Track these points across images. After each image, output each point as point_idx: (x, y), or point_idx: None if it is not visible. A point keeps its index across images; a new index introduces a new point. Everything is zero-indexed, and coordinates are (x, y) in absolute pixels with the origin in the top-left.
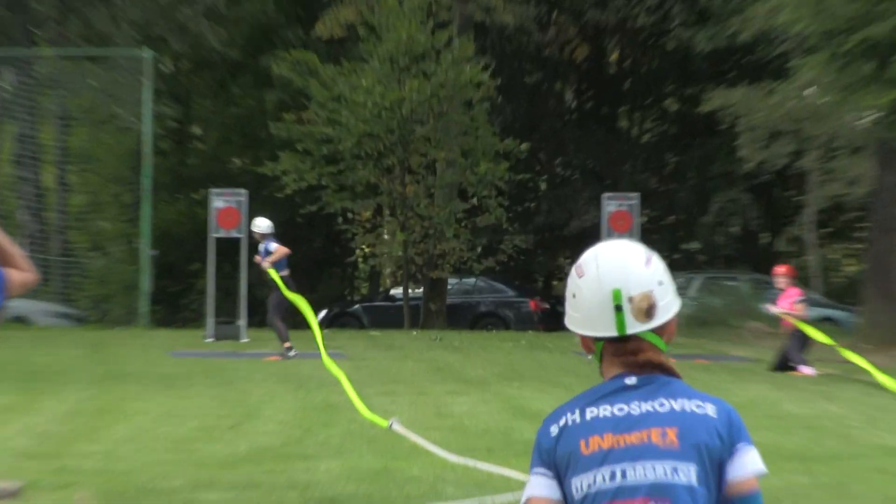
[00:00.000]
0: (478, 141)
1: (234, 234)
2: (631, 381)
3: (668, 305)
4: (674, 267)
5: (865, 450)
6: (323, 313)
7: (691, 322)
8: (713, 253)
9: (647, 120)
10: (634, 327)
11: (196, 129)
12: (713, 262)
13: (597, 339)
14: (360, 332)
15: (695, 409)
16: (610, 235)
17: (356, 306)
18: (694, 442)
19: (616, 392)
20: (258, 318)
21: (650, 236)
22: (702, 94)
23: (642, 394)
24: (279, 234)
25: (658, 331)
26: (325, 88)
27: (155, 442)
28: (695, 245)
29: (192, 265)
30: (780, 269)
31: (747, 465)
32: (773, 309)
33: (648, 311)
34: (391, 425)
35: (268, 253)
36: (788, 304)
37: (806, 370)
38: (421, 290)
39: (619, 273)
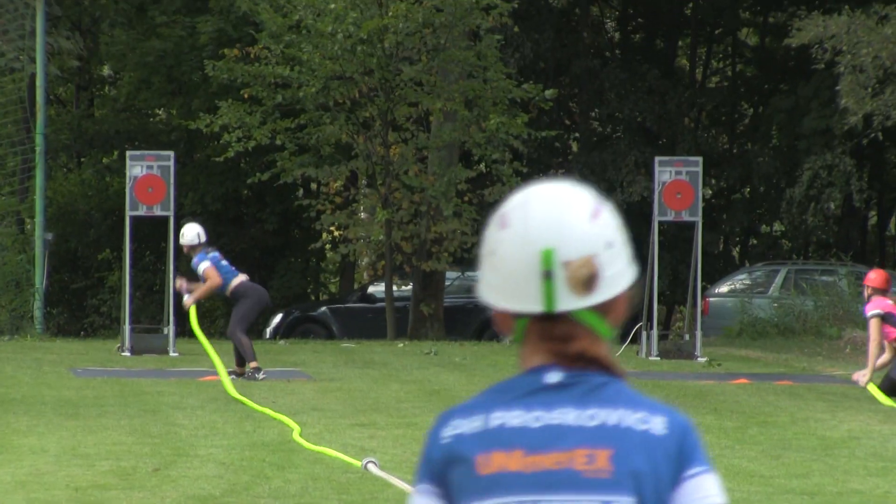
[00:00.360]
0: (487, 86)
1: (159, 212)
2: (554, 377)
3: (617, 276)
4: (751, 256)
5: None
6: (277, 318)
7: (772, 330)
8: (803, 237)
9: (716, 58)
10: (568, 303)
11: (105, 70)
12: (803, 250)
13: (517, 316)
14: (329, 344)
15: (636, 423)
16: (664, 212)
17: (322, 309)
18: (631, 469)
19: (534, 392)
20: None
21: (718, 214)
22: (790, 22)
23: (568, 398)
24: (218, 234)
25: (601, 310)
26: (278, 13)
27: (54, 489)
28: (778, 227)
29: (102, 254)
30: (871, 277)
31: (701, 497)
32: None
33: (588, 282)
34: (365, 466)
35: (194, 275)
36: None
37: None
38: (410, 287)
39: (552, 227)
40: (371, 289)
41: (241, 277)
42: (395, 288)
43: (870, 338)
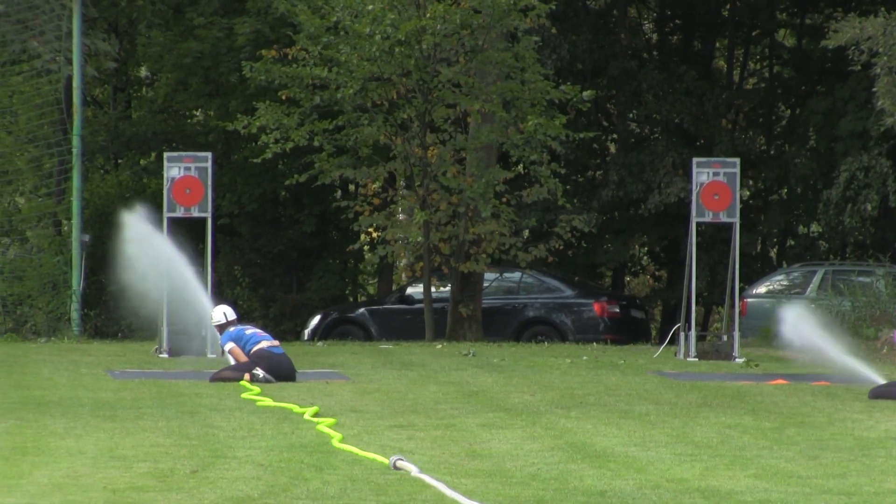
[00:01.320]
0: (525, 87)
1: (197, 214)
2: None
3: None
4: (788, 257)
5: None
6: (316, 320)
7: None
8: (840, 238)
9: (753, 59)
10: None
11: (142, 71)
12: (840, 251)
13: None
14: (367, 345)
15: None
16: (702, 213)
17: (361, 310)
18: None
19: None
20: None
21: (755, 215)
22: (827, 23)
23: None
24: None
25: None
26: (316, 15)
27: (91, 492)
28: (815, 228)
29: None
30: None
31: None
32: None
33: None
34: (393, 465)
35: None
36: None
37: None
38: (448, 288)
39: None
40: (409, 290)
41: (263, 344)
42: (433, 289)
43: None
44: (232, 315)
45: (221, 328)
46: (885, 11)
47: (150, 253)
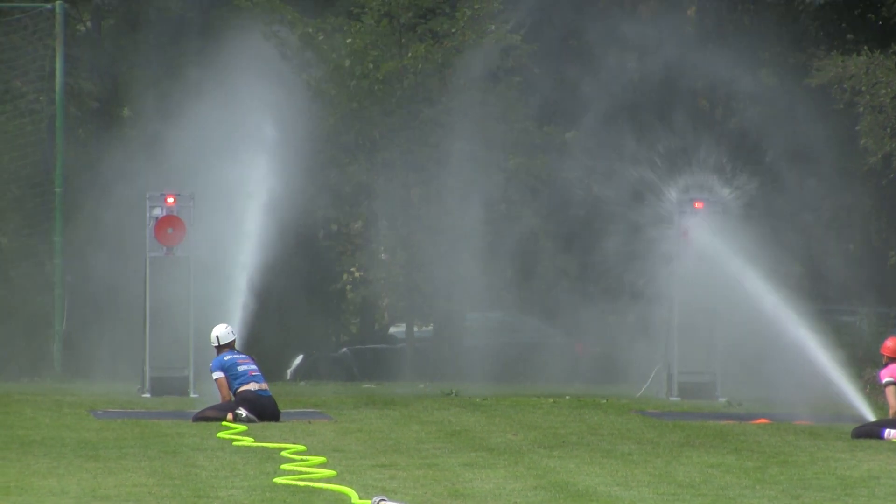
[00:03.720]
0: (507, 127)
1: (180, 253)
2: None
3: None
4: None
5: None
6: (298, 359)
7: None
8: (822, 278)
9: (731, 97)
10: None
11: (125, 112)
12: (822, 291)
13: None
14: (349, 385)
15: None
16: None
17: (343, 350)
18: None
19: None
20: None
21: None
22: (810, 63)
23: None
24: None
25: None
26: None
27: None
28: (796, 267)
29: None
30: (888, 345)
31: None
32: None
33: None
34: None
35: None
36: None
37: (892, 434)
38: (430, 327)
39: None
40: (391, 329)
41: (251, 386)
42: (415, 329)
43: (889, 404)
44: (226, 338)
45: (216, 349)
46: (868, 50)
47: None
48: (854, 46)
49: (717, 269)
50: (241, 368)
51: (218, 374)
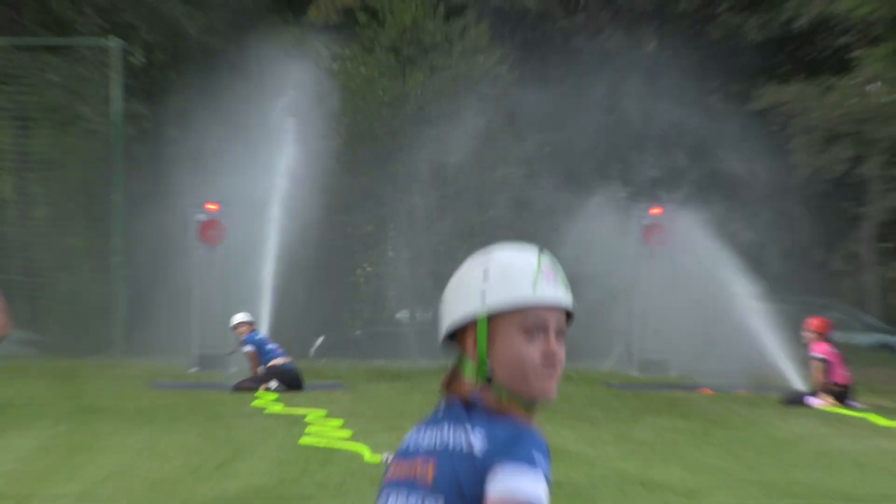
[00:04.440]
0: (495, 143)
1: (219, 251)
2: (441, 406)
3: (451, 310)
4: None
5: None
6: (320, 340)
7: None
8: (760, 272)
9: (686, 123)
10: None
11: (173, 131)
12: (760, 283)
13: None
14: (363, 361)
15: (462, 436)
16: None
17: (357, 332)
18: (449, 475)
19: (431, 417)
20: None
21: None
22: (751, 90)
23: (434, 420)
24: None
25: (460, 346)
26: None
27: (135, 481)
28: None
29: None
30: (811, 323)
31: (499, 485)
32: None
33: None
34: (384, 459)
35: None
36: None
37: (814, 401)
38: (430, 314)
39: None
40: (397, 315)
41: (278, 360)
42: (417, 314)
43: (814, 377)
44: (247, 318)
45: (244, 328)
46: (802, 80)
47: None
48: (789, 77)
49: (678, 264)
50: (268, 346)
51: (249, 348)
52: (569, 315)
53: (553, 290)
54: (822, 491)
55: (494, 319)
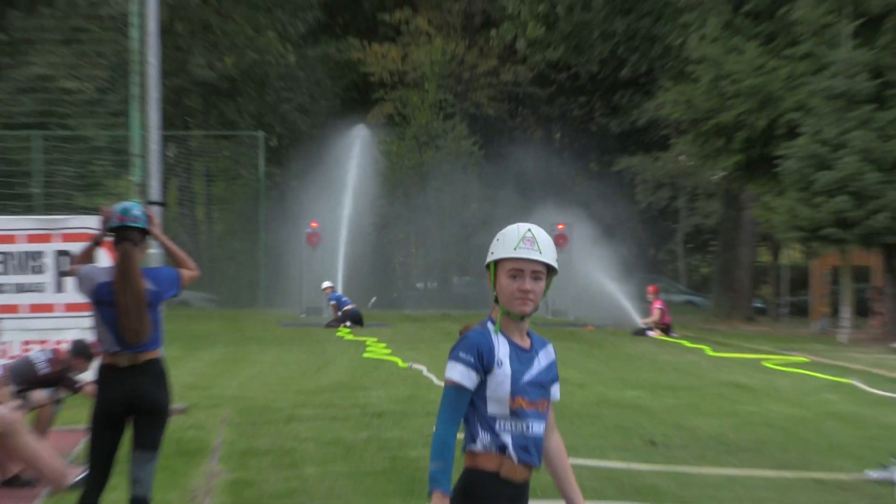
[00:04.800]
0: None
1: (317, 249)
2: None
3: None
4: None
5: (711, 383)
6: (373, 299)
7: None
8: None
9: (578, 177)
10: None
11: (293, 182)
12: (620, 267)
13: None
14: (397, 311)
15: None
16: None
17: (394, 294)
18: None
19: None
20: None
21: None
22: (614, 160)
23: None
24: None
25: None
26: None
27: (271, 379)
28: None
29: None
30: (650, 289)
31: None
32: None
33: None
34: (410, 367)
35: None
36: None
37: (651, 334)
38: (436, 284)
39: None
40: (418, 285)
41: (350, 307)
42: (428, 284)
43: (653, 317)
44: (332, 284)
45: (329, 290)
46: (642, 153)
47: None
48: (635, 151)
49: (574, 256)
50: (343, 300)
51: (333, 301)
52: (552, 268)
53: (528, 252)
54: (655, 384)
55: (497, 266)
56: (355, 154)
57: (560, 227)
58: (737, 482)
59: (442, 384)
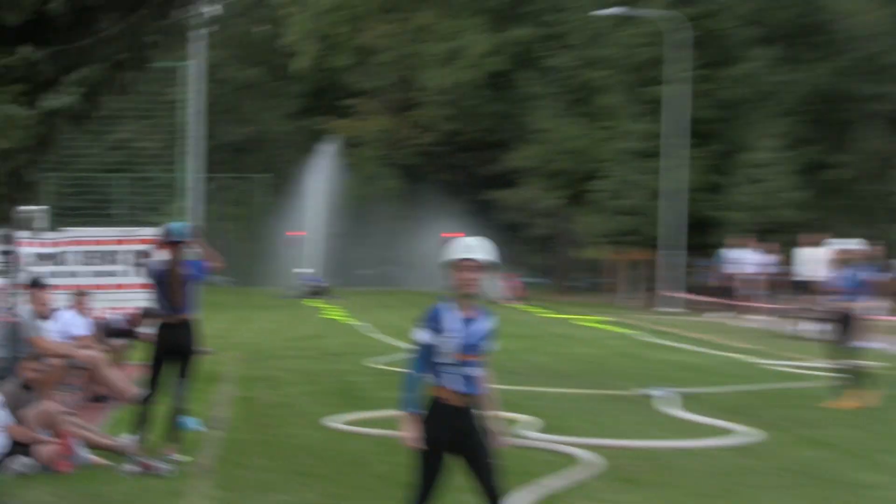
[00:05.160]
0: None
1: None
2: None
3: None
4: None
5: (543, 333)
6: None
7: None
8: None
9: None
10: None
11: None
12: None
13: None
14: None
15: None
16: None
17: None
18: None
19: None
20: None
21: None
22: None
23: None
24: None
25: None
26: None
27: (276, 338)
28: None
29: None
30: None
31: None
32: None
33: None
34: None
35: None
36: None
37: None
38: None
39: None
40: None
41: (317, 283)
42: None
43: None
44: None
45: (303, 273)
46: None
47: None
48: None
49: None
50: (314, 280)
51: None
52: (493, 264)
53: (465, 253)
54: (510, 334)
55: (450, 265)
56: (321, 184)
57: (445, 234)
58: (565, 397)
59: (378, 337)
